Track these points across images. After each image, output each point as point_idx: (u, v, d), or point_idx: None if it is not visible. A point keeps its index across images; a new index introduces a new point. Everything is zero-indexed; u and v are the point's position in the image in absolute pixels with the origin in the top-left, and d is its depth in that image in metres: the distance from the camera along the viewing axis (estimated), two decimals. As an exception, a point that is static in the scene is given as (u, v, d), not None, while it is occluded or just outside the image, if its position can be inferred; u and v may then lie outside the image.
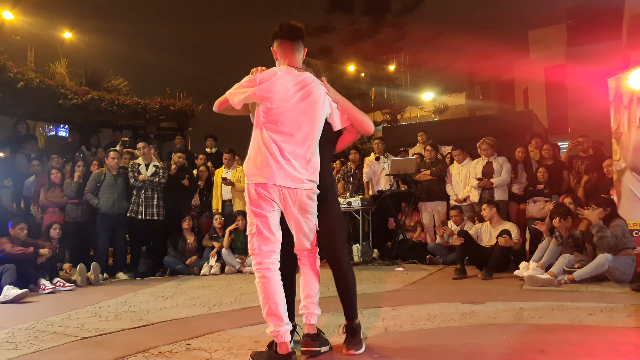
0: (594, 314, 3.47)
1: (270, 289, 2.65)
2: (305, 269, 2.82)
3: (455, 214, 6.70)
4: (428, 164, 7.42)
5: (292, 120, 2.62)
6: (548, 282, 4.62)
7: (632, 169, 5.27)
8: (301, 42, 2.77)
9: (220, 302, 4.38)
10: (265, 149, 2.60)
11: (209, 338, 3.11)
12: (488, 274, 5.32)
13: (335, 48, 16.61)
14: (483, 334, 3.06)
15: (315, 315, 2.74)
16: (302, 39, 2.78)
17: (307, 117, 2.66)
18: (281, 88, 2.62)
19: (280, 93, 2.62)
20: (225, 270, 6.50)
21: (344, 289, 2.77)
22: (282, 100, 2.62)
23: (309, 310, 2.73)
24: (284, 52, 2.75)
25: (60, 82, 9.29)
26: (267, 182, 2.59)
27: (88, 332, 3.36)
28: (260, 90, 2.60)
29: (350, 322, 2.75)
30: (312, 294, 2.76)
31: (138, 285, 5.71)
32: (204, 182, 7.73)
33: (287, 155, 2.60)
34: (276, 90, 2.61)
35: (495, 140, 6.79)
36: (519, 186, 6.69)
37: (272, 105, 2.61)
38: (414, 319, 3.49)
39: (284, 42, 2.75)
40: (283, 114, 2.61)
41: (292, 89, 2.64)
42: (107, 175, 6.55)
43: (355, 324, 2.75)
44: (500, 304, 3.90)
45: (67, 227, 6.41)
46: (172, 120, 10.47)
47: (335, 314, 3.49)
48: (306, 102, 2.66)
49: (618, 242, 4.63)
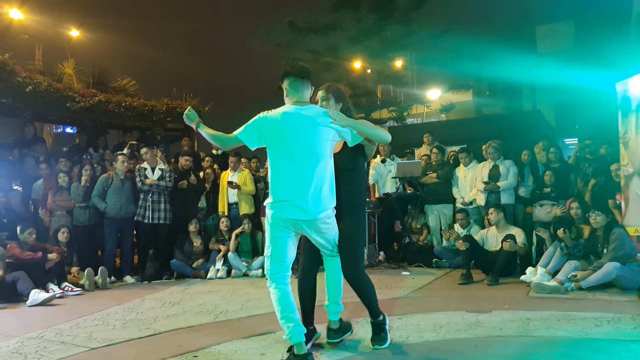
0: (601, 325, 3.46)
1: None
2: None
3: (461, 217, 6.68)
4: (434, 167, 7.40)
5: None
6: (555, 290, 4.61)
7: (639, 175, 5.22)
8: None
9: (226, 310, 4.40)
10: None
11: (215, 350, 3.14)
12: (494, 280, 5.32)
13: (341, 46, 16.52)
14: (489, 347, 3.05)
15: (333, 313, 3.15)
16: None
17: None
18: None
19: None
20: (232, 273, 6.54)
21: (358, 295, 3.11)
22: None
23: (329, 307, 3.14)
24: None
25: (67, 85, 9.32)
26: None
27: (96, 343, 3.39)
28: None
29: (373, 320, 3.14)
30: (332, 292, 3.15)
31: (145, 290, 5.75)
32: (210, 185, 7.76)
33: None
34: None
35: (500, 143, 6.76)
36: (526, 189, 6.67)
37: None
38: (419, 329, 3.50)
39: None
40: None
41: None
42: (114, 179, 6.59)
43: (378, 320, 3.12)
44: (507, 313, 3.89)
45: (75, 230, 6.45)
46: (179, 122, 10.48)
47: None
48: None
49: (632, 252, 4.66)
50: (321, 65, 16.06)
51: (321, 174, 2.85)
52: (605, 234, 4.85)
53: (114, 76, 11.48)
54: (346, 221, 3.06)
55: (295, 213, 2.83)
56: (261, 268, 6.47)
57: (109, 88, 10.95)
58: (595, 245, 4.92)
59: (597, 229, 4.96)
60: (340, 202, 3.01)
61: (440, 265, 6.69)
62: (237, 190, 7.38)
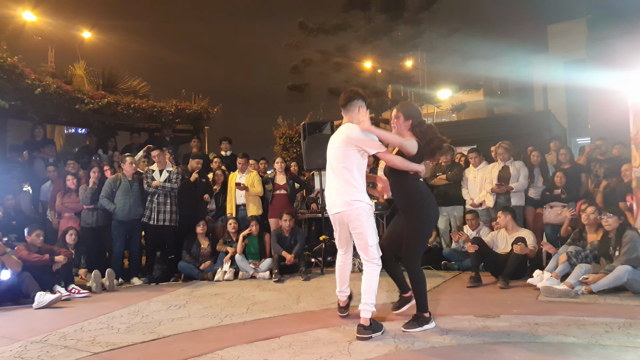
0: (611, 330, 3.37)
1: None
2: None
3: (471, 218, 6.60)
4: (444, 168, 7.31)
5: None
6: (565, 293, 4.52)
7: (652, 176, 5.11)
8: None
9: (232, 313, 4.38)
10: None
11: (218, 355, 3.11)
12: (505, 283, 5.23)
13: (351, 46, 16.47)
14: (495, 353, 2.99)
15: (364, 310, 3.46)
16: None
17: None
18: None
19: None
20: (239, 275, 6.52)
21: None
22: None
23: (360, 306, 3.51)
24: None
25: (77, 87, 9.42)
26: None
27: (99, 347, 3.39)
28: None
29: (416, 313, 3.61)
30: (363, 292, 3.53)
31: (152, 292, 5.75)
32: (219, 186, 7.76)
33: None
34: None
35: (511, 144, 6.67)
36: (535, 191, 6.57)
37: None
38: (426, 334, 3.44)
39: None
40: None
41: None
42: (122, 180, 6.61)
43: (419, 314, 3.58)
44: (515, 318, 3.82)
45: (83, 232, 6.49)
46: (188, 123, 10.53)
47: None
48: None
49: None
50: (331, 66, 16.03)
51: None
52: (617, 236, 4.74)
53: (123, 78, 11.59)
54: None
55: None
56: (268, 270, 6.45)
57: (119, 90, 11.05)
58: (607, 248, 4.81)
59: (609, 232, 4.86)
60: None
61: (449, 267, 6.61)
62: (245, 191, 7.38)
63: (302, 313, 4.34)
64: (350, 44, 16.18)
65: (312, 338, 3.44)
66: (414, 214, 3.64)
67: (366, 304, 3.46)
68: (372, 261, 3.56)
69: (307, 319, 4.05)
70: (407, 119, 3.68)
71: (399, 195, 3.78)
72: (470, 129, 13.55)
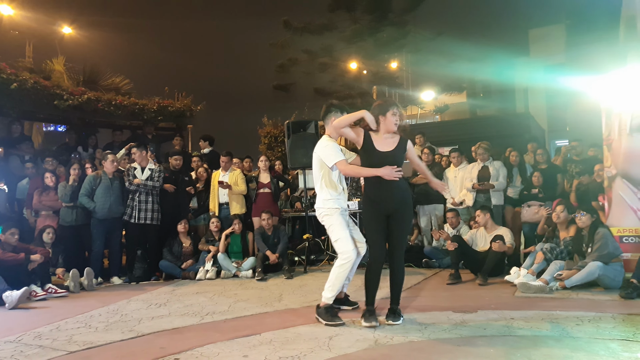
0: (582, 323, 3.48)
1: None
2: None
3: (451, 216, 6.69)
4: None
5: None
6: (540, 289, 4.63)
7: (622, 176, 5.27)
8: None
9: (213, 311, 4.38)
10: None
11: (198, 352, 3.11)
12: (484, 280, 5.34)
13: (337, 46, 16.53)
14: (472, 346, 3.06)
15: (323, 297, 3.85)
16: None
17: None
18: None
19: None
20: (222, 274, 6.49)
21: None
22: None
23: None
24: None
25: (56, 82, 9.24)
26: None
27: (76, 346, 3.34)
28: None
29: (397, 306, 3.77)
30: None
31: (132, 291, 5.70)
32: (203, 184, 7.71)
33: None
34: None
35: (490, 144, 6.80)
36: (514, 190, 6.70)
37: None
38: (405, 329, 3.49)
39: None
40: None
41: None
42: (103, 178, 6.53)
43: (394, 308, 3.73)
44: (492, 313, 3.90)
45: (61, 231, 6.38)
46: (171, 121, 10.45)
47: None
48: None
49: (615, 252, 4.68)
50: (317, 66, 16.06)
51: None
52: (590, 233, 4.88)
53: (105, 74, 11.41)
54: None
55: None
56: (251, 269, 6.45)
57: (100, 86, 10.88)
58: (581, 245, 4.95)
59: (582, 229, 4.99)
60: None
61: (430, 265, 6.69)
62: (228, 190, 7.36)
63: (284, 310, 4.35)
64: (335, 45, 16.23)
65: (293, 334, 3.47)
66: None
67: (325, 291, 3.82)
68: (340, 255, 3.83)
69: (289, 316, 4.08)
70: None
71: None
72: (453, 129, 13.76)
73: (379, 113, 3.72)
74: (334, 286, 3.80)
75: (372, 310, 3.67)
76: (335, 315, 3.75)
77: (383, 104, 3.78)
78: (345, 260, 3.79)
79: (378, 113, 3.72)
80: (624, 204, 5.24)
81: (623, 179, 5.27)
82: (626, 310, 3.86)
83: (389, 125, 3.72)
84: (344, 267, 3.80)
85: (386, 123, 3.71)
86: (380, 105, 3.78)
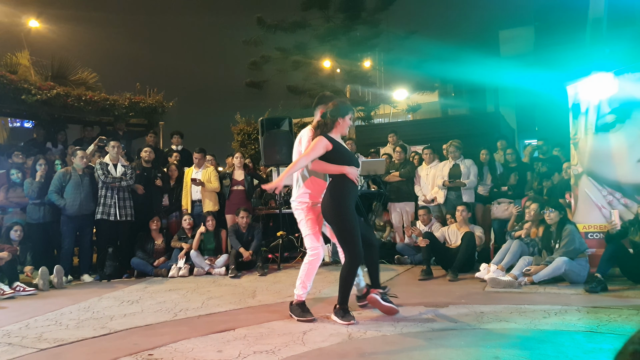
0: (548, 316, 3.61)
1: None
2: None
3: (423, 213, 6.81)
4: (397, 165, 7.51)
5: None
6: (509, 284, 4.77)
7: (588, 174, 5.47)
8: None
9: (186, 307, 4.35)
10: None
11: (172, 348, 3.10)
12: (454, 275, 5.45)
13: (310, 44, 16.54)
14: (443, 339, 3.14)
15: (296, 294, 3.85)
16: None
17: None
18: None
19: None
20: (194, 272, 6.44)
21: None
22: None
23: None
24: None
25: (23, 77, 8.97)
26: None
27: (46, 343, 3.28)
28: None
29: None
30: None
31: (103, 289, 5.61)
32: (174, 181, 7.62)
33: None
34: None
35: (461, 142, 6.94)
36: (484, 188, 6.86)
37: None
38: (378, 324, 3.55)
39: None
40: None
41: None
42: (72, 174, 6.38)
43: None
44: (462, 308, 4.00)
45: (29, 228, 6.22)
46: (142, 117, 10.26)
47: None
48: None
49: (581, 248, 4.87)
50: (290, 64, 16.03)
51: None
52: (558, 230, 5.04)
53: (74, 69, 11.14)
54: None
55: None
56: (225, 266, 6.42)
57: (69, 81, 10.62)
58: (549, 241, 5.11)
59: (550, 225, 5.16)
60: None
61: (402, 261, 6.80)
62: (201, 187, 7.29)
63: (258, 306, 4.37)
64: (309, 43, 16.25)
65: (267, 329, 3.48)
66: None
67: (297, 288, 3.82)
68: (308, 251, 3.86)
69: (263, 312, 4.09)
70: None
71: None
72: (425, 128, 13.95)
73: (339, 115, 3.75)
74: (305, 282, 3.80)
75: (346, 308, 3.69)
76: (307, 311, 3.77)
77: (344, 106, 3.81)
78: (314, 256, 3.80)
79: (337, 115, 3.75)
80: (590, 201, 5.43)
81: (589, 177, 5.46)
82: (590, 304, 4.01)
83: (344, 129, 3.81)
84: (313, 263, 3.80)
85: (343, 126, 3.79)
86: (340, 107, 3.79)
